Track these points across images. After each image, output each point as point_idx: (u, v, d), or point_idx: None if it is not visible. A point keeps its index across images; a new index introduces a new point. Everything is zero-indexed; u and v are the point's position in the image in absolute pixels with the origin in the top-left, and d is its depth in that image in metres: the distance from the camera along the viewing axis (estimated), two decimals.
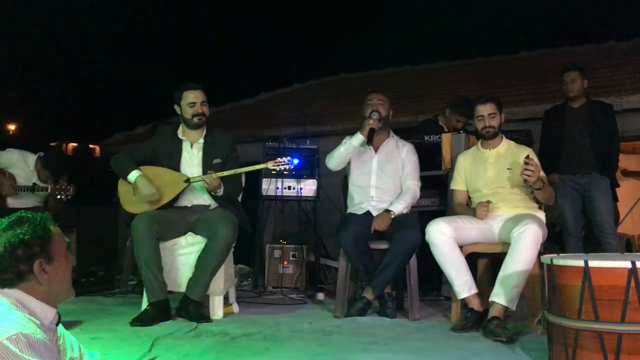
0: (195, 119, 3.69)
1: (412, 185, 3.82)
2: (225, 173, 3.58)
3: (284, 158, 3.70)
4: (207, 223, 3.53)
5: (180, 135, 3.75)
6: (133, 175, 3.59)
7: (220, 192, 3.59)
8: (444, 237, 3.28)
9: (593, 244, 4.41)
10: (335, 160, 3.83)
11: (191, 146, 3.74)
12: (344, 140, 3.82)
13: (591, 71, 5.99)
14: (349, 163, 3.89)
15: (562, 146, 4.38)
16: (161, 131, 3.86)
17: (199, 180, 3.60)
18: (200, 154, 3.72)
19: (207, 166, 3.66)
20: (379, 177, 3.83)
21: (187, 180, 3.61)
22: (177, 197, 3.65)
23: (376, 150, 3.89)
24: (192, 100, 3.68)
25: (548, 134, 4.51)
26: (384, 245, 3.64)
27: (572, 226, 4.36)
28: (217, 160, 3.70)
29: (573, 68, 4.42)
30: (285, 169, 3.74)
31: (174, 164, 3.69)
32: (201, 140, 3.74)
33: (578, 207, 4.38)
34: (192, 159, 3.71)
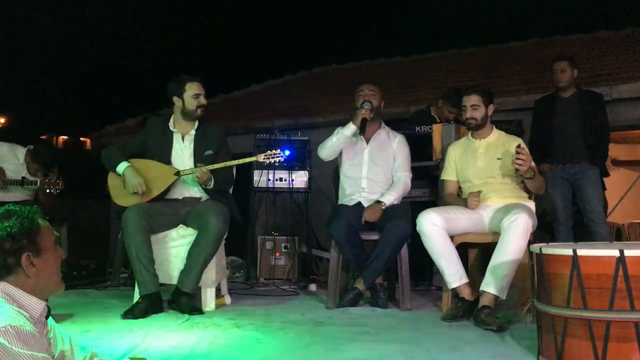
0: (199, 111, 3.69)
1: (404, 177, 3.83)
2: (216, 166, 3.57)
3: (275, 150, 3.69)
4: (198, 215, 3.53)
5: (171, 127, 3.74)
6: (121, 166, 3.57)
7: (211, 184, 3.58)
8: (434, 227, 3.29)
9: (583, 233, 4.44)
10: (327, 150, 3.84)
11: (182, 138, 3.73)
12: (336, 131, 3.82)
13: (582, 61, 6.00)
14: (340, 154, 3.89)
15: (553, 136, 4.40)
16: (151, 123, 3.84)
17: (189, 173, 3.59)
18: (192, 145, 3.71)
19: (198, 158, 3.65)
20: (370, 168, 3.84)
21: (177, 173, 3.59)
22: (167, 190, 3.64)
23: (367, 141, 3.89)
24: (197, 91, 3.68)
25: (538, 123, 4.53)
26: (374, 236, 3.65)
27: (562, 216, 4.39)
28: (208, 152, 3.69)
29: (562, 58, 4.44)
30: (276, 162, 3.73)
31: (165, 156, 3.67)
32: (192, 132, 3.73)
33: (568, 197, 4.40)
34: (183, 151, 3.70)
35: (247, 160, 3.74)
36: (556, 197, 4.39)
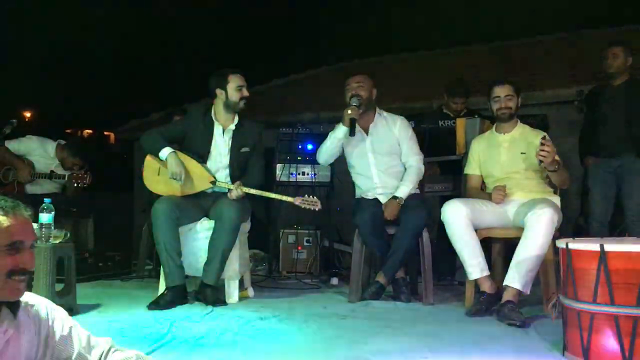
0: (241, 103, 3.72)
1: (415, 162, 3.75)
2: (252, 191, 3.59)
3: (312, 197, 3.66)
4: (216, 207, 3.57)
5: (213, 118, 3.75)
6: (165, 151, 3.57)
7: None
8: (460, 217, 3.27)
9: (620, 230, 4.29)
10: (324, 155, 3.82)
11: (223, 131, 3.74)
12: (330, 133, 3.77)
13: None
14: (344, 150, 3.83)
15: (597, 127, 4.17)
16: (192, 112, 3.86)
17: (225, 188, 3.60)
18: (230, 141, 3.72)
19: (235, 154, 3.67)
20: (377, 159, 3.76)
21: (214, 182, 3.62)
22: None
23: (367, 131, 3.80)
24: (240, 83, 3.71)
25: (588, 115, 4.31)
26: (393, 230, 3.64)
27: (598, 211, 4.14)
28: (245, 149, 3.71)
29: (617, 43, 4.15)
30: (311, 209, 3.66)
31: (204, 146, 3.68)
32: (232, 126, 3.74)
33: (609, 192, 4.14)
34: (221, 145, 3.71)
35: (284, 198, 3.69)
36: (596, 192, 4.16)
